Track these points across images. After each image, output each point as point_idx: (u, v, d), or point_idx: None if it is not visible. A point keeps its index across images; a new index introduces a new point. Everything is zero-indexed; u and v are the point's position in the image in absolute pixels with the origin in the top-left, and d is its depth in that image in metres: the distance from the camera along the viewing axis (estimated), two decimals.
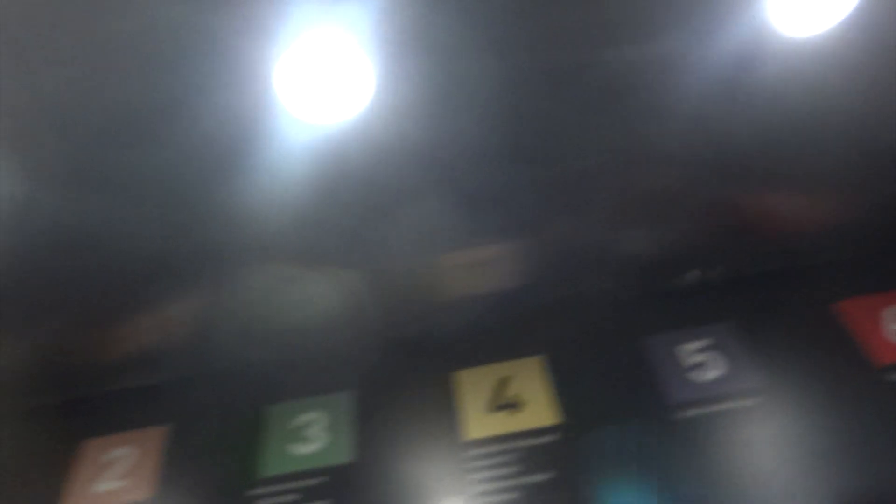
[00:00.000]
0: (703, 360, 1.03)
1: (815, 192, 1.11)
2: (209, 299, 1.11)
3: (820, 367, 0.99)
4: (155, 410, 1.09)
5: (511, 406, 1.01)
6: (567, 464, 0.93)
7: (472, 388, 1.05)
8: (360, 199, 0.99)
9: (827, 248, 1.13)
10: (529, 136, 0.97)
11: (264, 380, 1.11)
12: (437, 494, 0.94)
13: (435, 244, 1.11)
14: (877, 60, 0.93)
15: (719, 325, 1.06)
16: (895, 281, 1.08)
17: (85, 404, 1.13)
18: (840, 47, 0.90)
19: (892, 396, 0.94)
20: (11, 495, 1.01)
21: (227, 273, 1.08)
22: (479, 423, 1.00)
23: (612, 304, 1.12)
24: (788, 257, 1.14)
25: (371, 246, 1.09)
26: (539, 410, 1.00)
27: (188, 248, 1.03)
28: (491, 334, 1.12)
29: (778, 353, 1.01)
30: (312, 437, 1.02)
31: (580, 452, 0.94)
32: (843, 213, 1.13)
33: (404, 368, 1.09)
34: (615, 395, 1.00)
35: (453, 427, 1.00)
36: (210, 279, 1.09)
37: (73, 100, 0.79)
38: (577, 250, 1.12)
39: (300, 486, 0.97)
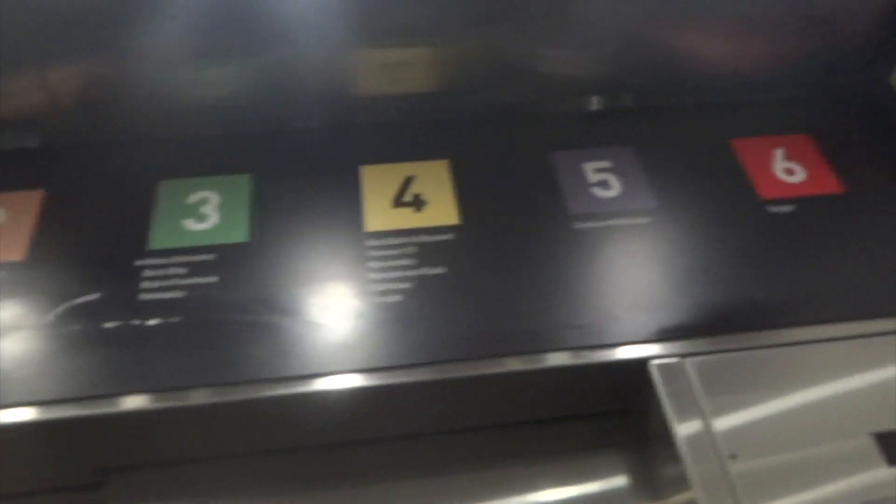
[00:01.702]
0: (604, 179, 1.05)
1: (728, 34, 1.13)
2: (107, 66, 1.02)
3: (709, 194, 1.04)
4: (34, 174, 1.01)
5: (414, 204, 1.01)
6: (462, 261, 0.95)
7: (378, 183, 1.03)
8: None
9: (731, 89, 1.17)
10: None
11: (161, 155, 1.04)
12: (331, 280, 0.93)
13: (352, 40, 1.05)
14: None
15: (623, 149, 1.09)
16: (787, 125, 1.13)
17: None
18: None
19: (771, 225, 1.01)
20: None
21: (130, 42, 0.99)
22: (381, 216, 0.99)
23: (525, 117, 1.11)
24: (695, 93, 1.17)
25: (282, 35, 1.02)
26: (441, 210, 1.00)
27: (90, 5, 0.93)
28: (402, 134, 1.09)
29: (673, 179, 1.06)
30: (206, 215, 0.98)
31: (476, 251, 0.96)
32: (751, 57, 1.15)
33: (309, 157, 1.06)
34: (518, 202, 1.02)
35: (355, 218, 0.99)
36: (111, 45, 0.99)
37: None
38: (495, 61, 1.10)
39: (189, 261, 0.94)
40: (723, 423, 0.83)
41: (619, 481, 0.92)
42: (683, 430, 0.82)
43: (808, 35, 1.12)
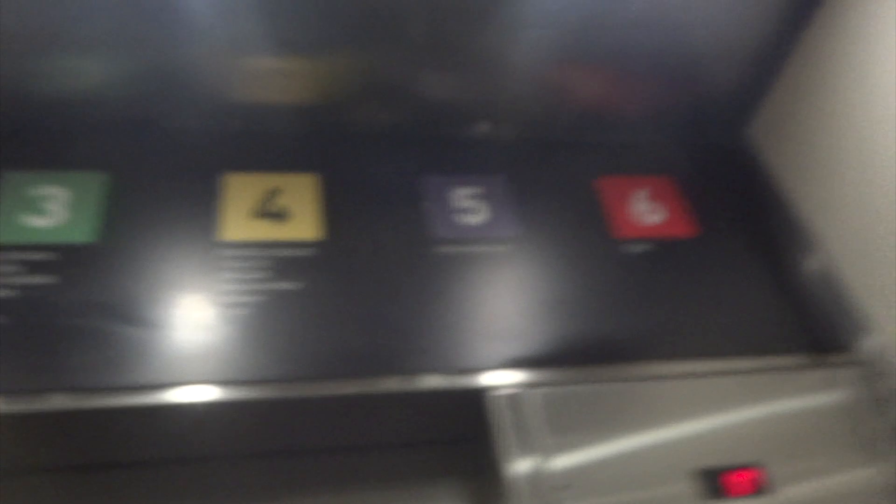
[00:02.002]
0: (472, 206, 1.07)
1: (604, 77, 1.16)
2: None
3: (570, 229, 1.07)
4: None
5: (276, 216, 0.99)
6: (319, 278, 0.94)
7: (241, 192, 1.01)
8: None
9: (603, 129, 1.20)
10: None
11: (11, 147, 0.99)
12: (179, 288, 0.91)
13: (230, 44, 1.03)
14: None
15: (494, 177, 1.11)
16: (652, 167, 1.18)
17: None
18: None
19: (624, 263, 1.05)
20: None
21: None
22: (240, 226, 0.97)
23: (400, 138, 1.12)
24: (569, 129, 1.20)
25: (156, 31, 0.99)
26: (303, 225, 0.99)
27: None
28: (272, 144, 1.07)
29: (538, 211, 1.08)
30: (50, 211, 0.93)
31: (335, 269, 0.96)
32: (623, 100, 1.20)
33: (173, 159, 1.02)
34: (383, 223, 1.02)
35: (211, 226, 0.97)
36: None
37: None
38: (373, 80, 1.09)
39: (26, 259, 0.89)
40: (557, 457, 0.84)
41: None
42: (513, 462, 0.84)
43: (676, 84, 1.17)
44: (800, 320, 1.04)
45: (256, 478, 0.91)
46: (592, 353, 0.95)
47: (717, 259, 1.09)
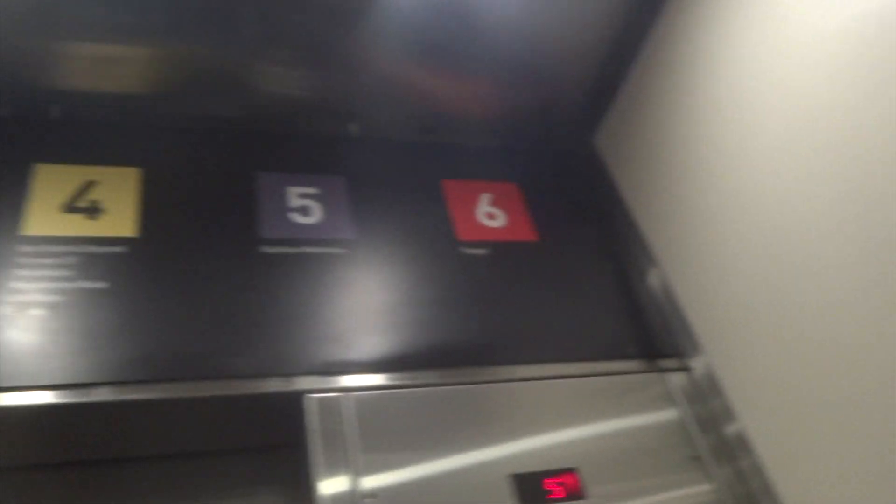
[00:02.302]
0: (306, 205, 1.03)
1: (454, 79, 1.16)
2: None
3: (411, 231, 1.05)
4: None
5: (87, 211, 0.93)
6: (130, 277, 0.89)
7: (51, 184, 0.94)
8: None
9: (452, 131, 1.19)
10: None
11: None
12: None
13: (49, 28, 0.96)
14: None
15: (333, 177, 1.08)
16: (498, 172, 1.18)
17: None
18: None
19: (466, 266, 1.04)
20: None
21: None
22: (46, 220, 0.90)
23: (233, 133, 1.07)
24: (417, 130, 1.18)
25: None
26: (117, 221, 0.93)
27: None
28: (92, 135, 1.01)
29: (378, 213, 1.06)
30: None
31: (149, 268, 0.90)
32: (472, 104, 1.19)
33: None
34: (208, 221, 0.97)
35: (15, 220, 0.89)
36: None
37: None
38: (205, 71, 1.04)
39: None
40: (368, 465, 0.82)
41: None
42: (323, 469, 0.80)
43: (524, 89, 1.18)
44: (633, 327, 1.06)
45: (50, 489, 0.84)
46: (418, 357, 0.93)
47: (556, 264, 1.10)
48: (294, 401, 0.85)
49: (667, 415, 0.97)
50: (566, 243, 1.13)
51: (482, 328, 0.99)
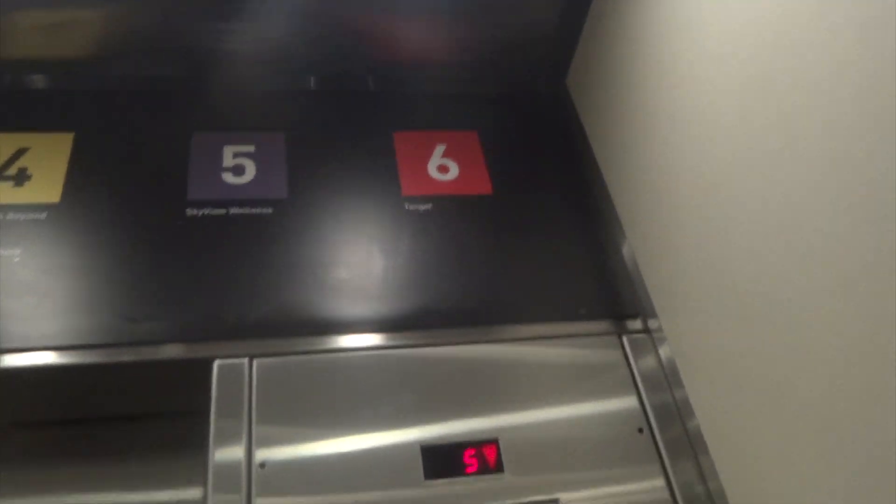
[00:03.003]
0: (241, 164, 1.00)
1: (409, 22, 1.08)
2: None
3: (352, 188, 1.00)
4: None
5: (15, 178, 0.93)
6: (52, 243, 0.89)
7: None
8: None
9: (407, 80, 1.12)
10: None
11: None
12: None
13: None
14: None
15: (272, 134, 1.03)
16: (457, 121, 1.10)
17: None
18: None
19: (407, 223, 0.98)
20: None
21: None
22: None
23: (171, 93, 1.05)
24: (372, 80, 1.12)
25: None
26: (44, 187, 0.93)
27: None
28: (27, 102, 1.01)
29: (317, 169, 1.01)
30: None
31: (72, 234, 0.90)
32: (430, 48, 1.11)
33: None
34: (136, 184, 0.95)
35: None
36: None
37: None
38: (151, 32, 1.02)
39: None
40: (268, 431, 0.79)
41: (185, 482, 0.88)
42: (220, 436, 0.78)
43: (486, 29, 1.09)
44: (588, 288, 0.96)
45: None
46: (337, 322, 0.88)
47: (511, 219, 1.02)
48: (206, 366, 0.83)
49: (612, 380, 0.88)
50: (525, 196, 1.04)
51: (417, 289, 0.93)
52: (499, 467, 0.80)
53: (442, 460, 0.80)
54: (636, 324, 0.93)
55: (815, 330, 0.63)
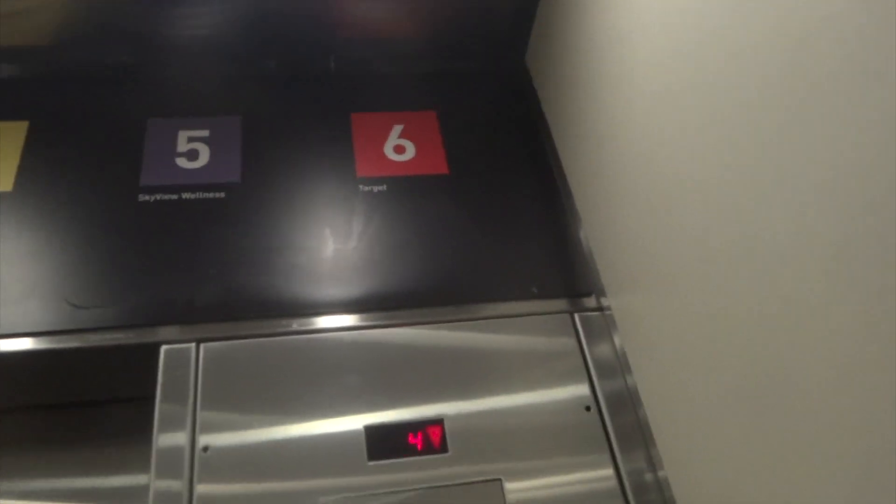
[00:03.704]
0: (195, 148, 1.00)
1: (375, 4, 1.06)
2: None
3: (308, 170, 1.00)
4: None
5: None
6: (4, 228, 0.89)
7: None
8: None
9: (367, 60, 1.11)
10: None
11: None
12: None
13: None
14: None
15: (227, 118, 1.03)
16: (415, 101, 1.09)
17: None
18: None
19: (361, 205, 0.97)
20: None
21: None
22: None
23: (126, 80, 1.04)
24: (332, 60, 1.11)
25: None
26: None
27: None
28: None
29: (272, 152, 1.01)
30: None
31: (21, 220, 0.90)
32: (390, 26, 1.10)
33: None
34: (87, 171, 0.95)
35: None
36: None
37: None
38: (108, 18, 1.01)
39: None
40: (212, 416, 0.79)
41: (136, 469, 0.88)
42: (164, 421, 0.79)
43: (444, 7, 1.07)
44: (541, 267, 0.96)
45: None
46: (282, 305, 0.88)
47: (468, 199, 1.00)
48: (153, 352, 0.84)
49: (563, 362, 0.88)
50: (483, 176, 1.03)
51: (367, 272, 0.92)
52: (443, 448, 0.80)
53: (386, 441, 0.80)
54: (590, 302, 0.92)
55: (762, 315, 0.61)
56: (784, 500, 0.59)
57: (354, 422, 0.81)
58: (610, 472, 0.81)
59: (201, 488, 0.76)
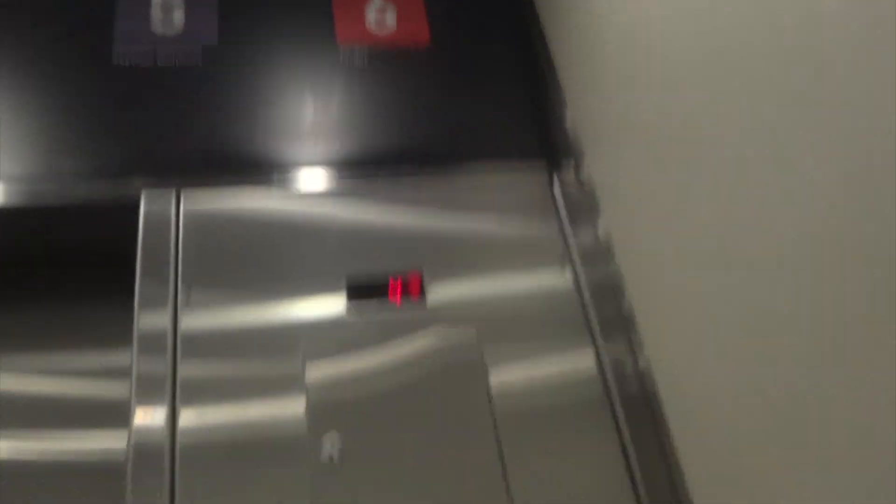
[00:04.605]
0: (170, 12, 0.97)
1: None
2: None
3: (285, 35, 0.98)
4: None
5: None
6: None
7: None
8: None
9: None
10: None
11: None
12: None
13: None
14: None
15: None
16: None
17: None
18: None
19: (338, 72, 0.97)
20: None
21: None
22: None
23: None
24: None
25: None
26: None
27: None
28: None
29: (249, 18, 0.99)
30: None
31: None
32: None
33: None
34: (61, 33, 0.94)
35: None
36: None
37: None
38: None
39: None
40: (192, 272, 0.80)
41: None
42: (145, 278, 0.80)
43: None
44: (519, 130, 0.96)
45: None
46: (262, 164, 0.88)
47: (448, 66, 1.00)
48: (134, 205, 0.84)
49: (543, 224, 0.89)
50: (464, 43, 1.02)
51: (350, 132, 0.93)
52: (421, 297, 0.82)
53: (366, 290, 0.81)
54: (568, 163, 0.93)
55: (743, 181, 0.59)
56: (764, 387, 0.58)
57: (335, 272, 0.82)
58: (590, 352, 0.83)
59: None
